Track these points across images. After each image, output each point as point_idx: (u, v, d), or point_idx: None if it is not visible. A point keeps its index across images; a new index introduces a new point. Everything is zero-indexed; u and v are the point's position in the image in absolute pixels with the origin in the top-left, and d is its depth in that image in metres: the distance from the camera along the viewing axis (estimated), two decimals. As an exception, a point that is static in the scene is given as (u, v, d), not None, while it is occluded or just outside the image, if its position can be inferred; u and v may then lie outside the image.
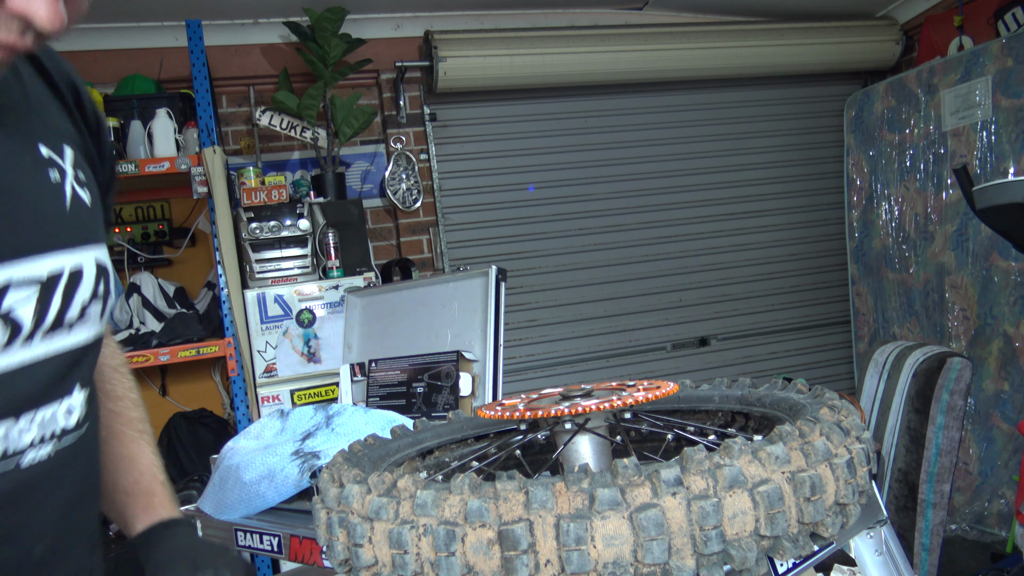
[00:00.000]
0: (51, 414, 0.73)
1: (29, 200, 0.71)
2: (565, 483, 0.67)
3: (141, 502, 0.93)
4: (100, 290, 0.78)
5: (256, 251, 3.02)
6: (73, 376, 0.76)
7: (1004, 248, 3.30)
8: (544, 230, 3.95)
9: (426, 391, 2.05)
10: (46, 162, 0.74)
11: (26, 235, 0.70)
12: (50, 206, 0.73)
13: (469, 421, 1.19)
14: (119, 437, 0.96)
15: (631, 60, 3.81)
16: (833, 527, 0.72)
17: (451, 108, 3.84)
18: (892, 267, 3.97)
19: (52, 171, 0.75)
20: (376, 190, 3.80)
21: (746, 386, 1.08)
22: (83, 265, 0.75)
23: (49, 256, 0.71)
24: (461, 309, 2.08)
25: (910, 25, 4.11)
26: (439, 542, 0.68)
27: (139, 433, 0.97)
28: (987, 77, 3.39)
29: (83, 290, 0.75)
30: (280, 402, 2.99)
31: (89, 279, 0.76)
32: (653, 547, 0.64)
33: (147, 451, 0.97)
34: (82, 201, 0.78)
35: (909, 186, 3.83)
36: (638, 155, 4.06)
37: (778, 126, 4.27)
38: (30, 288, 0.69)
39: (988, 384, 3.42)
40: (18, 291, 0.68)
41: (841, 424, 0.79)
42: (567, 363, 3.98)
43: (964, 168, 2.32)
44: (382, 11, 3.70)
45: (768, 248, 4.25)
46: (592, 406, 0.84)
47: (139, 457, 0.95)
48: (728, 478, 0.67)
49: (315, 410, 1.68)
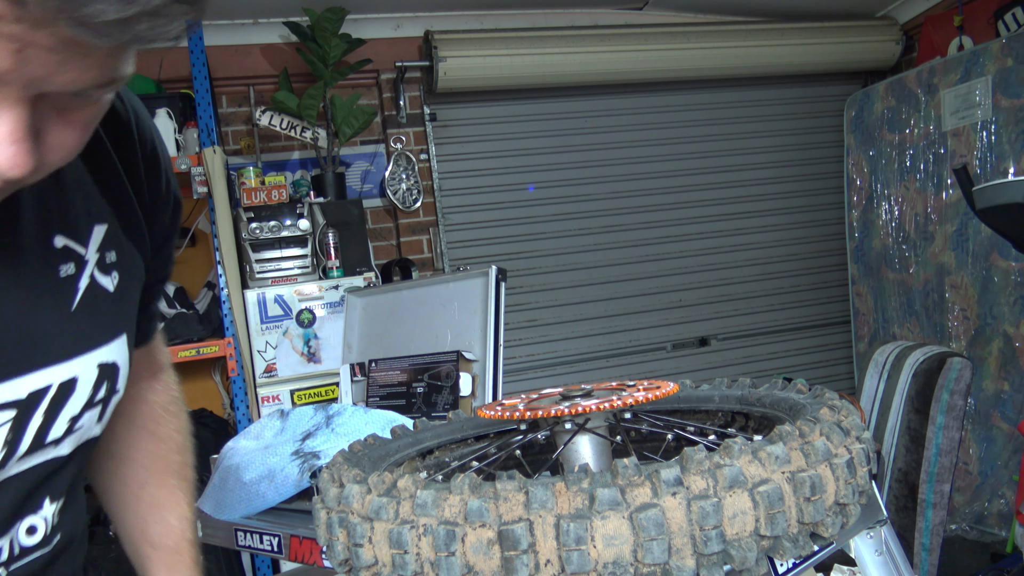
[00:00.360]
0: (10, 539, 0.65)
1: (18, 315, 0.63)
2: (565, 483, 0.67)
3: (165, 560, 0.88)
4: (99, 396, 0.70)
5: (256, 251, 3.02)
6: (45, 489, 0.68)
7: (1004, 248, 3.29)
8: (544, 230, 3.95)
9: (426, 391, 2.05)
10: (58, 255, 0.66)
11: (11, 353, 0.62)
12: (48, 312, 0.65)
13: (469, 421, 1.19)
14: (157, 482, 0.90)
15: (631, 60, 3.81)
16: (833, 527, 0.72)
17: (451, 108, 3.84)
18: (892, 267, 3.97)
19: (64, 265, 0.67)
20: (376, 190, 3.80)
21: (746, 386, 1.08)
22: (78, 375, 0.67)
23: (33, 374, 0.63)
24: (461, 309, 2.07)
25: (910, 25, 4.11)
26: (439, 542, 0.68)
27: (178, 480, 0.91)
28: (987, 77, 3.39)
29: (73, 404, 0.67)
30: (280, 402, 2.99)
31: (84, 389, 0.68)
32: (653, 547, 0.64)
33: (182, 503, 0.91)
34: (101, 291, 0.70)
35: (909, 186, 3.83)
36: (638, 155, 4.06)
37: (778, 126, 4.27)
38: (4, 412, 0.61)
39: (988, 384, 3.42)
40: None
41: (841, 424, 0.79)
42: (567, 363, 3.98)
43: (964, 168, 2.32)
44: (382, 11, 3.70)
45: (768, 248, 4.25)
46: (592, 406, 0.84)
47: (173, 509, 0.90)
48: (728, 478, 0.67)
49: (315, 410, 1.68)
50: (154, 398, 0.93)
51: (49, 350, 0.65)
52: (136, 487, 0.89)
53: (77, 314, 0.68)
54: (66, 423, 0.67)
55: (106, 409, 0.73)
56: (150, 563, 0.88)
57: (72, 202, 0.69)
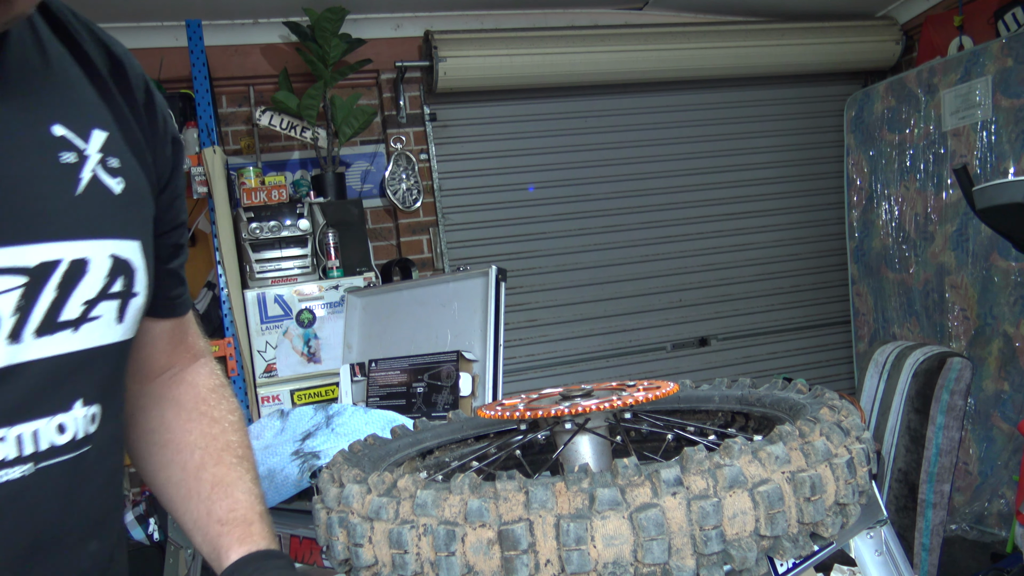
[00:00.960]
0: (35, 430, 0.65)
1: (23, 182, 0.64)
2: (565, 483, 0.67)
3: (237, 532, 0.83)
4: (115, 288, 0.70)
5: (256, 251, 3.02)
6: (72, 387, 0.68)
7: (1004, 248, 3.29)
8: (544, 230, 3.95)
9: (426, 391, 2.05)
10: (57, 142, 0.68)
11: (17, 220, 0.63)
12: (52, 190, 0.67)
13: (469, 421, 1.19)
14: (215, 461, 0.87)
15: (631, 60, 3.81)
16: (833, 527, 0.72)
17: (451, 108, 3.84)
18: (892, 267, 3.97)
19: (65, 153, 0.68)
20: (376, 190, 3.80)
21: (746, 386, 1.08)
22: (89, 258, 0.68)
23: (41, 244, 0.64)
24: (461, 309, 2.07)
25: (910, 25, 4.11)
26: (439, 542, 0.68)
27: (238, 459, 0.89)
28: (987, 77, 3.39)
29: (86, 286, 0.67)
30: (280, 402, 2.99)
31: (97, 274, 0.68)
32: (653, 547, 0.64)
33: (246, 478, 0.88)
34: (105, 188, 0.71)
35: (909, 186, 3.83)
36: (638, 155, 4.06)
37: (778, 126, 4.27)
38: (12, 278, 0.62)
39: (988, 384, 3.42)
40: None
41: (841, 424, 0.80)
42: (567, 363, 3.98)
43: (964, 168, 2.32)
44: (382, 11, 3.70)
45: (768, 248, 4.25)
46: (592, 406, 0.84)
47: (237, 484, 0.87)
48: (728, 478, 0.67)
49: (315, 410, 1.68)
50: (201, 381, 0.92)
51: (55, 225, 0.66)
52: (195, 470, 0.87)
53: (82, 200, 0.69)
54: (80, 306, 0.67)
55: (125, 309, 0.72)
56: (221, 540, 0.83)
57: (70, 98, 0.71)
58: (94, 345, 0.70)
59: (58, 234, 0.66)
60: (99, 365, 0.72)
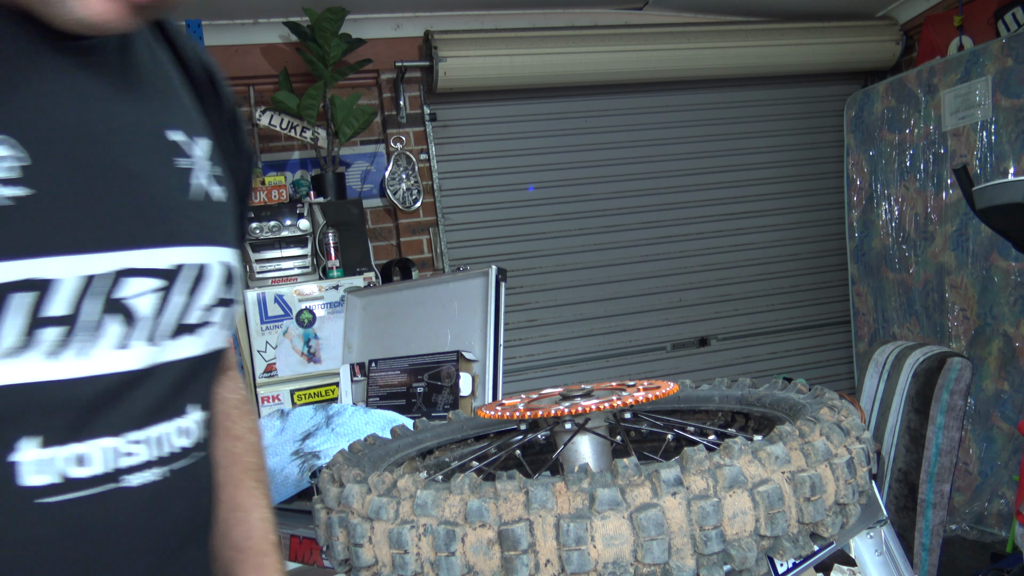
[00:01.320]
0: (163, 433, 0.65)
1: (152, 185, 0.64)
2: (565, 483, 0.67)
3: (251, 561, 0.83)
4: (225, 296, 0.71)
5: (256, 251, 3.02)
6: (187, 392, 0.68)
7: (1004, 248, 3.29)
8: (544, 230, 3.95)
9: (426, 391, 2.05)
10: (173, 147, 0.68)
11: (149, 222, 0.63)
12: (174, 195, 0.67)
13: (469, 421, 1.19)
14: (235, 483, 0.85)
15: (631, 60, 3.81)
16: (833, 527, 0.72)
17: (451, 108, 3.84)
18: (892, 267, 3.97)
19: (180, 159, 0.68)
20: (376, 190, 3.80)
21: (746, 386, 1.08)
22: (208, 264, 0.68)
23: (172, 247, 0.64)
24: (461, 309, 2.07)
25: (910, 25, 4.11)
26: (439, 542, 0.68)
27: (256, 483, 0.88)
28: (987, 77, 3.39)
29: (206, 292, 0.68)
30: (280, 402, 2.99)
31: (213, 280, 0.69)
32: (653, 547, 0.64)
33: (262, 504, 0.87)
34: (212, 196, 0.71)
35: (909, 186, 3.83)
36: (638, 155, 4.06)
37: (778, 126, 4.27)
38: (152, 280, 0.62)
39: (988, 384, 3.42)
40: (138, 281, 0.61)
41: (841, 424, 0.80)
42: (567, 363, 3.98)
43: (964, 168, 2.32)
44: (382, 11, 3.70)
45: (768, 248, 4.25)
46: (592, 406, 0.84)
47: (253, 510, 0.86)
48: (728, 478, 0.67)
49: (315, 410, 1.68)
50: (227, 395, 0.90)
51: (181, 229, 0.66)
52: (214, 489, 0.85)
53: (195, 205, 0.69)
54: (201, 311, 0.68)
55: (229, 316, 0.73)
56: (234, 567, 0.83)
57: (178, 103, 0.72)
58: (207, 351, 0.70)
59: (184, 238, 0.66)
60: (208, 371, 0.73)
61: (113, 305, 0.60)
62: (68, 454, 0.57)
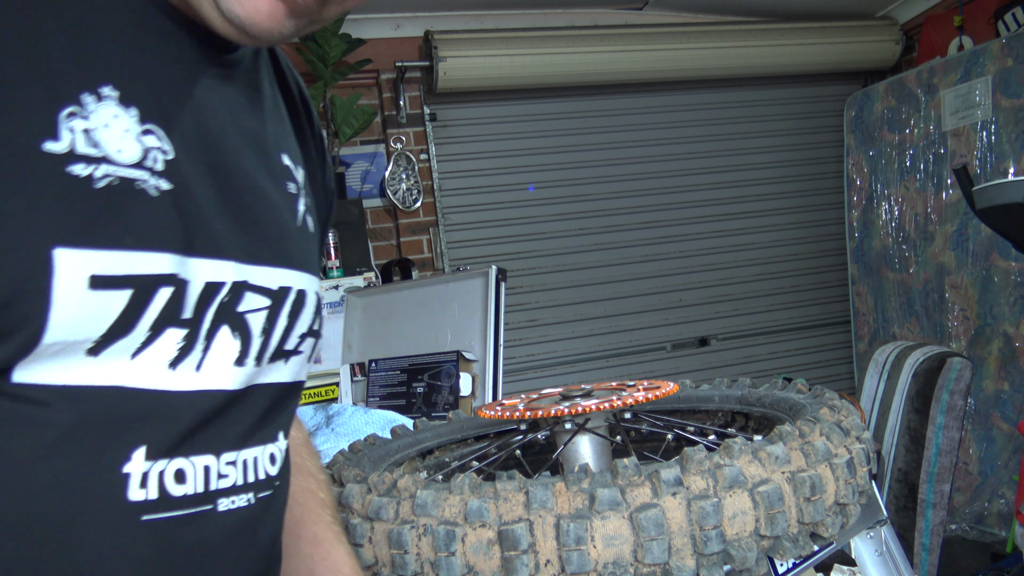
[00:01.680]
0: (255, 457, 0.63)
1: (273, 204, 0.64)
2: (565, 483, 0.67)
3: None
4: (316, 325, 0.69)
5: (256, 251, 3.02)
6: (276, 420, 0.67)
7: (1004, 248, 3.29)
8: (544, 230, 3.95)
9: (426, 391, 2.05)
10: (286, 172, 0.68)
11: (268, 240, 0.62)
12: (284, 218, 0.66)
13: (469, 421, 1.19)
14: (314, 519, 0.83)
15: (631, 60, 3.81)
16: (833, 527, 0.72)
17: (451, 108, 3.84)
18: (892, 267, 3.97)
19: (290, 183, 0.68)
20: (376, 190, 3.80)
21: (746, 386, 1.08)
22: (307, 289, 0.67)
23: (281, 269, 0.64)
24: (461, 309, 2.07)
25: (910, 25, 4.11)
26: (439, 542, 0.68)
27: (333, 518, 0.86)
28: (987, 77, 3.39)
29: (303, 318, 0.67)
30: (280, 402, 2.99)
31: (310, 307, 0.67)
32: (653, 547, 0.64)
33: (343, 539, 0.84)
34: (308, 224, 0.71)
35: (909, 186, 3.83)
36: (638, 155, 4.06)
37: (778, 126, 4.27)
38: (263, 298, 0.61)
39: (988, 384, 3.42)
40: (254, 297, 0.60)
41: (841, 424, 0.80)
42: (567, 363, 3.98)
43: (964, 168, 2.32)
44: (382, 11, 3.70)
45: (768, 248, 4.25)
46: (592, 406, 0.84)
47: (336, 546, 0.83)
48: (728, 478, 0.67)
49: (315, 410, 1.68)
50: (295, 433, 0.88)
51: (291, 252, 0.65)
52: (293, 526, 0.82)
53: (299, 232, 0.68)
54: (297, 338, 0.66)
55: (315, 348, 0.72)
56: None
57: (285, 128, 0.72)
58: (295, 379, 0.69)
59: (290, 262, 0.65)
60: (293, 401, 0.71)
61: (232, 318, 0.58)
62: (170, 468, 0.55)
